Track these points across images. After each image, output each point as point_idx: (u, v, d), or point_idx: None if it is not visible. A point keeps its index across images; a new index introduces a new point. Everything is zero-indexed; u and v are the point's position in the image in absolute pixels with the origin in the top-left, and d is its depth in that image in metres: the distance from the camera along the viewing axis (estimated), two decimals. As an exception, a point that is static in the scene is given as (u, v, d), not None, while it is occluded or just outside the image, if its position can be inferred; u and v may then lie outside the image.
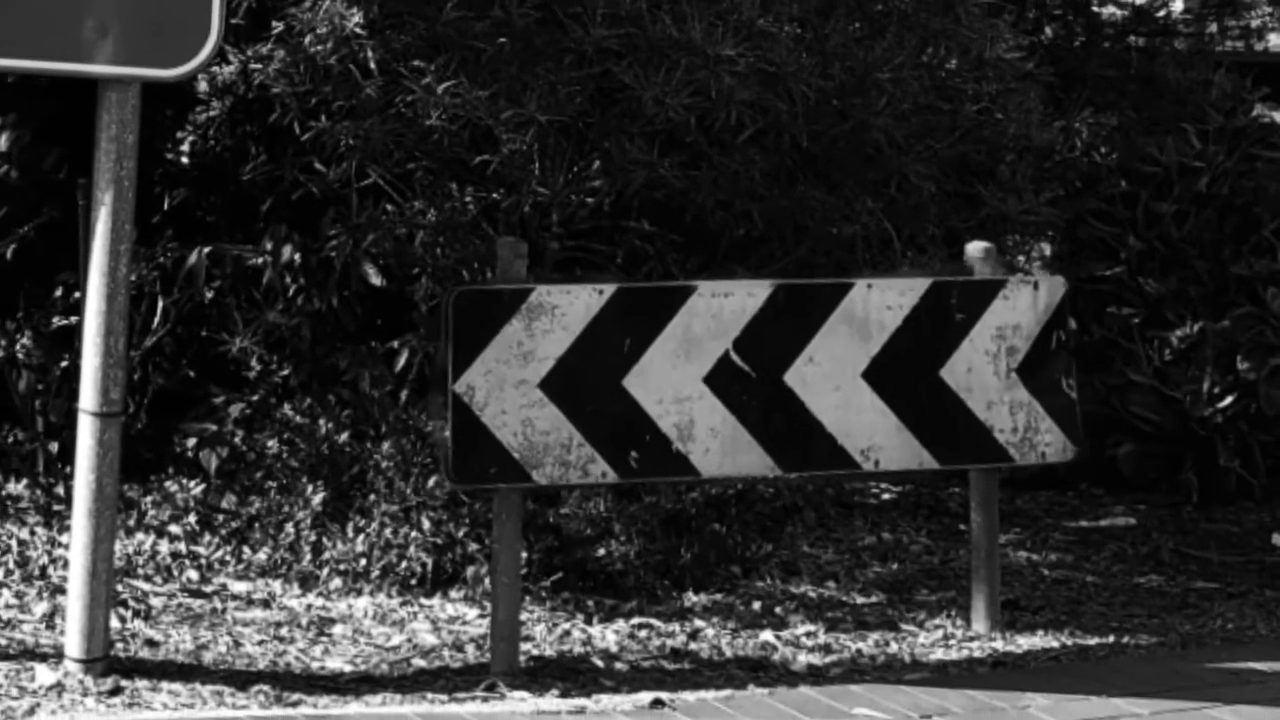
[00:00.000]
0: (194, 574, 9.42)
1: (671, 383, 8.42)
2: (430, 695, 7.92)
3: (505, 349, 8.22)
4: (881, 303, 8.75)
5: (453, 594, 9.34)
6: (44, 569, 9.21)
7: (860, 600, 9.71)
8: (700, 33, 9.05)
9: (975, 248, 9.15)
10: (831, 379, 8.62)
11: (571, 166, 9.23)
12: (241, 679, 7.93)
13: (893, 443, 8.74)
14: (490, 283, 8.57)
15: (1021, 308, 9.02)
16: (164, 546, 9.71)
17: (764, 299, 8.57)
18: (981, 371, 8.89)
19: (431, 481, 9.48)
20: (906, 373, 8.77)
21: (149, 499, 10.13)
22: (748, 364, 8.51)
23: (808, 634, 9.09)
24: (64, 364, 10.21)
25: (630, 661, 8.56)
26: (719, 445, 8.48)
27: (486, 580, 8.98)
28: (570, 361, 8.30)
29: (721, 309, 8.50)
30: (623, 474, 8.47)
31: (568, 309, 8.30)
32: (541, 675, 8.21)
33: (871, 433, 8.69)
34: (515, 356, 8.23)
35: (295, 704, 7.67)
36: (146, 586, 9.17)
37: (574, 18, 9.14)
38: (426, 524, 9.51)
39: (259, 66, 9.60)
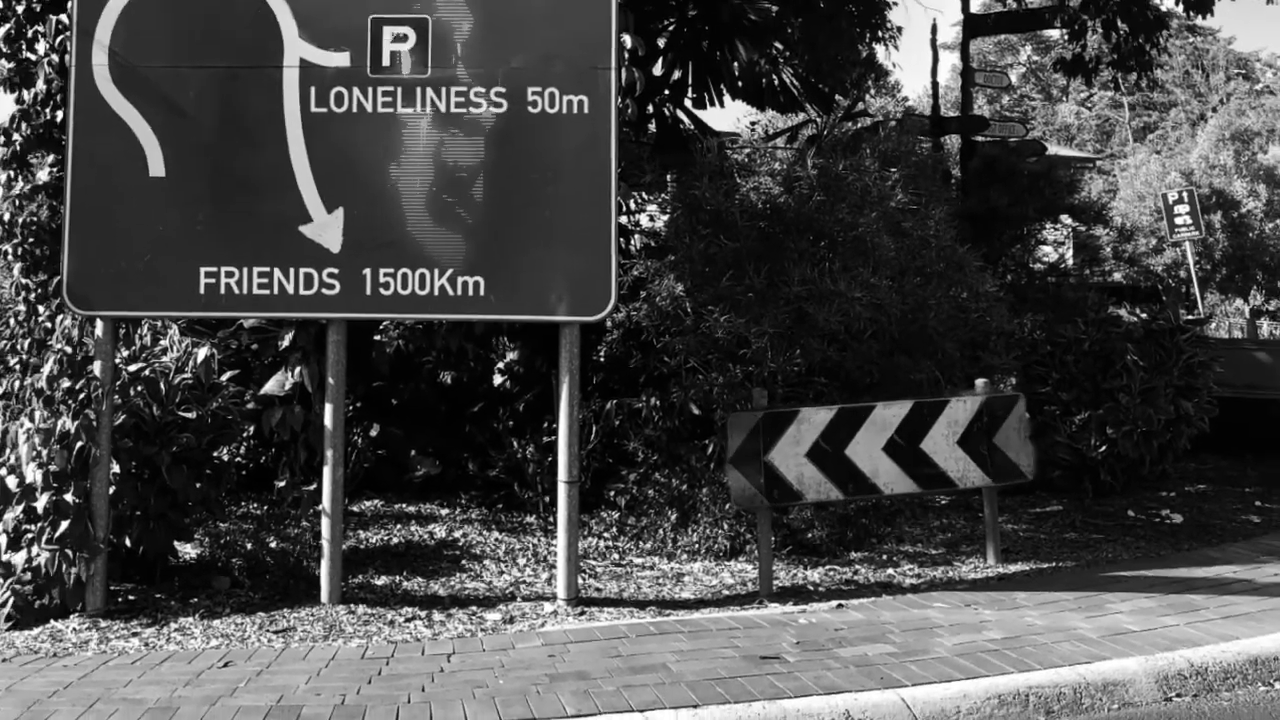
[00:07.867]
0: (616, 556, 9.47)
1: (867, 451, 8.37)
2: (732, 608, 7.95)
3: (788, 439, 8.27)
4: (964, 408, 8.71)
5: (740, 560, 9.29)
6: (544, 557, 9.28)
7: (933, 552, 9.56)
8: (844, 285, 9.12)
9: (980, 382, 9.01)
10: (941, 445, 8.57)
11: (785, 353, 9.11)
12: (641, 604, 8.08)
13: (972, 474, 8.65)
14: (780, 407, 8.47)
15: (1024, 407, 8.96)
16: (600, 543, 9.78)
17: (909, 409, 8.52)
18: (1012, 438, 8.83)
19: (727, 506, 9.37)
20: (977, 440, 8.70)
21: (593, 521, 10.23)
22: (902, 440, 8.49)
23: (909, 569, 9.02)
24: (549, 459, 10.26)
25: (825, 587, 8.53)
26: (892, 478, 8.42)
27: (756, 552, 8.98)
28: (818, 443, 8.32)
29: (888, 415, 8.45)
30: (846, 495, 8.39)
31: (815, 419, 8.30)
32: (783, 596, 8.24)
33: (964, 470, 8.65)
34: (792, 442, 8.27)
35: (668, 615, 7.76)
36: (593, 563, 9.23)
37: (783, 282, 9.21)
38: (725, 526, 9.53)
39: (635, 313, 9.70)
